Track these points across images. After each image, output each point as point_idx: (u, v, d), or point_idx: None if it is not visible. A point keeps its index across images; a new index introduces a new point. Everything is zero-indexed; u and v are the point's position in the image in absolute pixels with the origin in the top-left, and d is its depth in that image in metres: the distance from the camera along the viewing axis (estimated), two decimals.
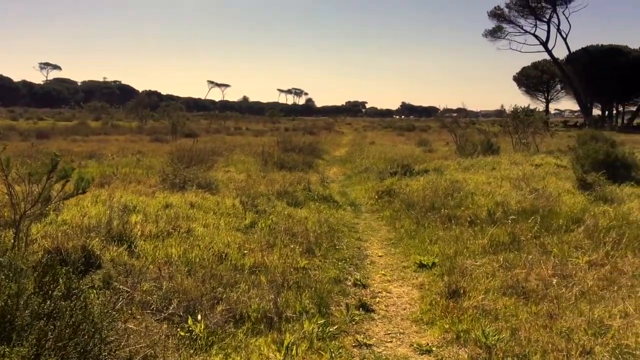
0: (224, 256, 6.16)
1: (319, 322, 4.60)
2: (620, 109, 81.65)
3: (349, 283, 6.08)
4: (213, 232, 7.12)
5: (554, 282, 5.51)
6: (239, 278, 5.50)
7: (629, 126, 65.52)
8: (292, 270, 5.97)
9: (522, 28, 70.56)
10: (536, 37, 70.57)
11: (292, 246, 6.86)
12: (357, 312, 5.16)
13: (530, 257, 6.35)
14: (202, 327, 4.19)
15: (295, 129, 44.90)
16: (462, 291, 5.42)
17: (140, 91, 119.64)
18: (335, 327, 4.66)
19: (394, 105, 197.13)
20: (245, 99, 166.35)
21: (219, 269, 5.60)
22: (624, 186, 10.99)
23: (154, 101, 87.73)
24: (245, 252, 6.43)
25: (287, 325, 4.54)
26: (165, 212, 7.92)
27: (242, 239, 7.00)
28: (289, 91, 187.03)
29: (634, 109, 75.38)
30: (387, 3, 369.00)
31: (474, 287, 5.52)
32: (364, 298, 5.56)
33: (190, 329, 4.19)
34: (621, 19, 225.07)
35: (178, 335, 4.13)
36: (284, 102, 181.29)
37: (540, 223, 7.78)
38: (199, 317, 4.33)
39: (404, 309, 5.36)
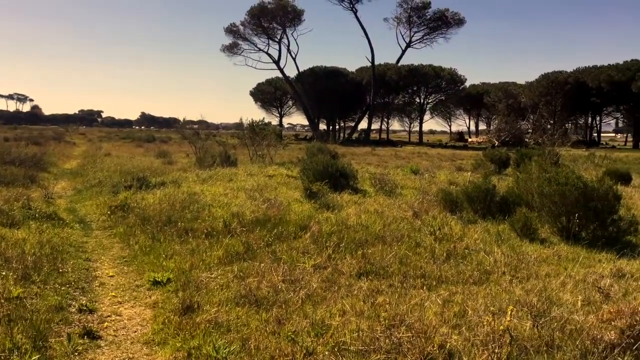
0: None
1: (33, 359, 4.06)
2: (342, 124, 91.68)
3: (74, 310, 5.53)
4: None
5: (283, 288, 5.80)
6: None
7: (349, 140, 73.82)
8: (2, 301, 5.19)
9: (256, 46, 74.44)
10: (269, 55, 75.15)
11: (4, 273, 5.98)
12: (82, 341, 4.69)
13: (263, 265, 6.60)
14: None
15: (18, 139, 39.99)
16: (196, 306, 5.35)
17: None
18: None
19: (134, 116, 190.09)
20: None
21: None
22: (343, 194, 12.25)
23: None
24: None
25: None
26: None
27: None
28: (10, 96, 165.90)
29: (353, 124, 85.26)
30: (126, 9, 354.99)
31: (208, 300, 5.50)
32: (90, 325, 5.09)
33: None
34: (341, 44, 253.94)
35: None
36: (4, 108, 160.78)
37: (272, 231, 8.18)
38: None
39: (135, 332, 5.06)
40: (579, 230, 8.45)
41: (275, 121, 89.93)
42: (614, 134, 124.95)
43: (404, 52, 75.30)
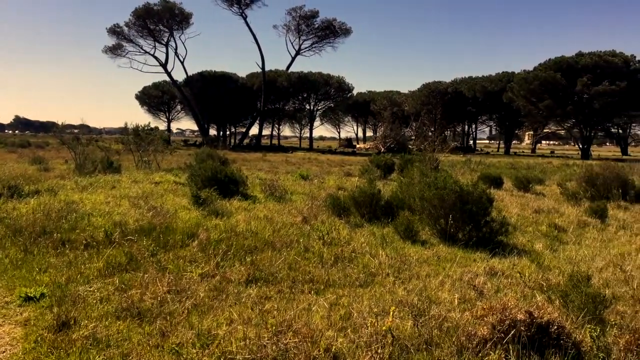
0: None
1: None
2: (233, 129, 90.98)
3: None
4: None
5: (168, 298, 5.61)
6: None
7: (240, 145, 73.36)
8: None
9: (142, 48, 71.95)
10: (156, 58, 72.92)
11: None
12: None
13: (147, 275, 6.34)
14: None
15: None
16: (73, 321, 5.02)
17: None
18: None
19: (6, 119, 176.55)
20: None
21: None
22: (233, 200, 12.12)
23: None
24: None
25: None
26: None
27: None
28: None
29: (244, 130, 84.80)
30: None
31: (86, 315, 5.19)
32: None
33: None
34: (231, 49, 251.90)
35: None
36: None
37: (157, 240, 7.90)
38: None
39: (4, 352, 4.66)
40: (456, 232, 8.97)
41: (163, 126, 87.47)
42: (488, 141, 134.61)
43: (293, 59, 76.25)
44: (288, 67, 77.88)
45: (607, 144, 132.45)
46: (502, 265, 7.41)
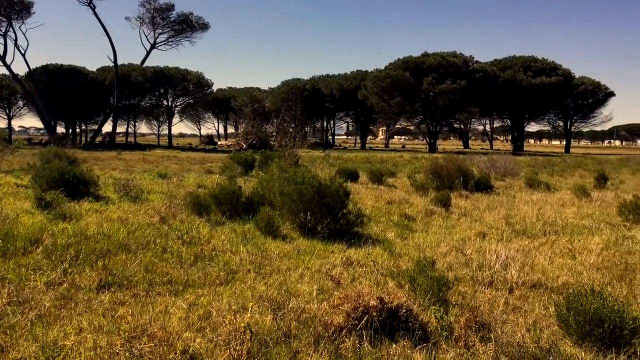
0: None
1: None
2: (85, 127, 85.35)
3: None
4: None
5: (8, 311, 5.13)
6: None
7: (92, 144, 69.02)
8: None
9: None
10: None
11: None
12: None
13: None
14: None
15: None
16: None
17: None
18: None
19: None
20: None
21: None
22: (82, 202, 11.37)
23: None
24: None
25: None
26: None
27: None
28: None
29: (96, 127, 79.83)
30: None
31: None
32: None
33: None
34: (81, 42, 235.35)
35: None
36: None
37: None
38: None
39: None
40: (315, 225, 9.21)
41: (2, 124, 79.73)
42: (345, 137, 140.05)
43: (148, 53, 73.36)
44: (143, 62, 74.76)
45: (451, 138, 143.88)
46: (358, 255, 7.75)
